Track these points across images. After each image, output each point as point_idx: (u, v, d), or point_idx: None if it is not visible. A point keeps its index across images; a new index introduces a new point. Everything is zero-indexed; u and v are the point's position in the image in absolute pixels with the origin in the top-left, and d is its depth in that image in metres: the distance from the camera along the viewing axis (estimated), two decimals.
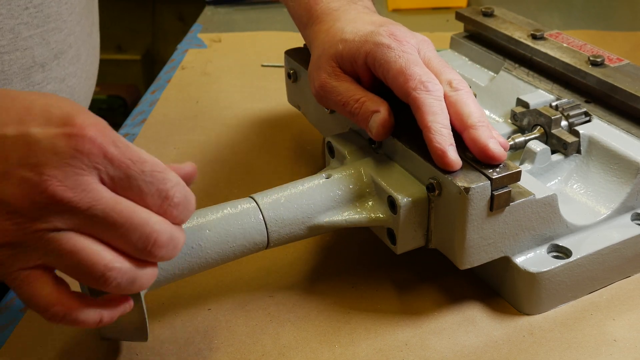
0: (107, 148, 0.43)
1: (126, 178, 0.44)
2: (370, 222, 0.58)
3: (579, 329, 0.57)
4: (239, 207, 0.55)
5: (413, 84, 0.56)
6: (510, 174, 0.53)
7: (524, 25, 0.79)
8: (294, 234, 0.57)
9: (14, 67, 0.69)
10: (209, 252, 0.54)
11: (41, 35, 0.71)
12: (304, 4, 0.69)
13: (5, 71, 0.68)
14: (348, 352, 0.56)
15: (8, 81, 0.69)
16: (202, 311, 0.61)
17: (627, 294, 0.61)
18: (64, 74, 0.76)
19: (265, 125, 0.89)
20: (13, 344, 0.58)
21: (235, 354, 0.57)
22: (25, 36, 0.69)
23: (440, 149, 0.53)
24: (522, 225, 0.56)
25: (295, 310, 0.61)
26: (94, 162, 0.43)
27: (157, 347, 0.57)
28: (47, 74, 0.73)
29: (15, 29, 0.68)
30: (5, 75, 0.68)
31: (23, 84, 0.71)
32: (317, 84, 0.62)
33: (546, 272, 0.57)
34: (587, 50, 0.73)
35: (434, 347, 0.56)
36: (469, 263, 0.56)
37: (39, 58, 0.71)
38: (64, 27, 0.74)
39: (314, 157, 0.82)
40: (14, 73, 0.69)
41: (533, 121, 0.66)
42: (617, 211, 0.61)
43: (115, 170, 0.44)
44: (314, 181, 0.58)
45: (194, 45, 1.15)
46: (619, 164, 0.62)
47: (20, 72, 0.70)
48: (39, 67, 0.71)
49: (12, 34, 0.68)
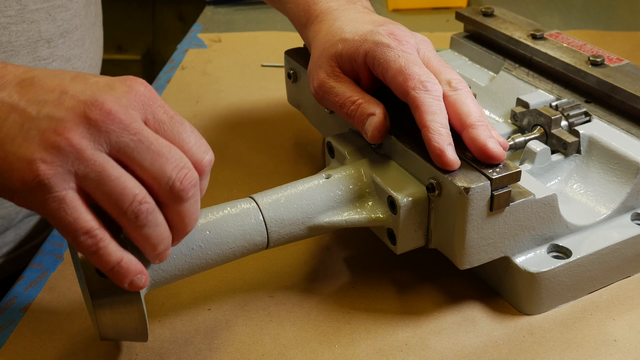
0: (155, 95, 0.48)
1: (169, 123, 0.48)
2: (370, 222, 0.58)
3: (579, 329, 0.57)
4: (239, 207, 0.55)
5: (412, 84, 0.56)
6: (510, 174, 0.53)
7: (524, 25, 0.79)
8: (294, 234, 0.57)
9: (21, 38, 0.71)
10: (209, 254, 0.54)
11: (47, 11, 0.73)
12: (302, 4, 0.69)
13: (12, 42, 0.71)
14: (348, 352, 0.56)
15: (15, 53, 0.71)
16: (202, 311, 0.61)
17: (627, 294, 0.61)
18: (69, 54, 0.79)
19: (265, 126, 0.89)
20: (13, 344, 0.58)
21: (235, 354, 0.57)
22: (32, 9, 0.72)
23: (439, 148, 0.53)
24: (522, 225, 0.56)
25: (295, 310, 0.61)
26: (141, 102, 0.47)
27: (157, 347, 0.57)
28: (53, 50, 0.76)
29: (22, 1, 0.70)
30: (12, 47, 0.71)
31: (30, 57, 0.73)
32: (316, 84, 0.62)
33: (546, 272, 0.57)
34: (587, 50, 0.73)
35: (434, 347, 0.56)
36: (469, 263, 0.56)
37: (45, 33, 0.74)
38: (70, 6, 0.77)
39: (314, 157, 0.82)
40: (20, 45, 0.72)
41: (533, 121, 0.66)
42: (617, 211, 0.61)
43: (159, 114, 0.48)
44: (314, 181, 0.58)
45: (194, 45, 1.15)
46: (619, 164, 0.62)
47: (27, 45, 0.73)
48: (45, 42, 0.74)
49: (19, 5, 0.70)
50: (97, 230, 0.46)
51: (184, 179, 0.47)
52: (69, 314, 0.61)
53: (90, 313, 0.54)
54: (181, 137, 0.48)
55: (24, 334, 0.59)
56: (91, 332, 0.59)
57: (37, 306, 0.62)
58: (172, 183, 0.46)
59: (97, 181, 0.45)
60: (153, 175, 0.46)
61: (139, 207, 0.46)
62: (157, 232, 0.47)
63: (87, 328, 0.59)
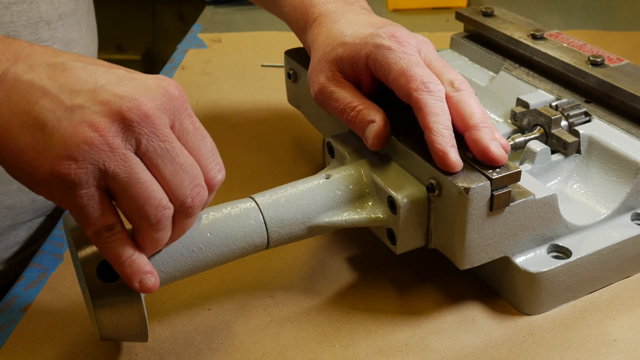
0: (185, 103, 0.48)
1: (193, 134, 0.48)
2: (370, 222, 0.58)
3: (579, 329, 0.57)
4: (239, 207, 0.55)
5: (415, 85, 0.56)
6: (510, 174, 0.53)
7: (524, 25, 0.79)
8: (294, 234, 0.57)
9: (22, 19, 0.73)
10: (209, 255, 0.54)
11: None
12: (299, 7, 0.69)
13: (14, 22, 0.72)
14: (348, 352, 0.56)
15: (18, 33, 0.74)
16: (202, 311, 0.61)
17: (627, 294, 0.61)
18: (68, 38, 0.80)
19: (265, 126, 0.89)
20: (13, 344, 0.58)
21: (235, 353, 0.57)
22: None
23: (442, 150, 0.53)
24: (522, 225, 0.56)
25: (295, 310, 0.61)
26: (173, 107, 0.47)
27: (157, 347, 0.57)
28: (53, 32, 0.77)
29: None
30: (14, 27, 0.72)
31: (31, 38, 0.75)
32: (317, 88, 0.62)
33: (546, 272, 0.57)
34: (587, 50, 0.73)
35: (434, 347, 0.56)
36: (469, 263, 0.56)
37: (44, 14, 0.75)
38: None
39: (314, 157, 0.82)
40: (22, 26, 0.73)
41: (533, 121, 0.66)
42: (617, 211, 0.61)
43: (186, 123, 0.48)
44: (314, 181, 0.58)
45: (194, 45, 1.15)
46: (619, 164, 0.62)
47: (29, 26, 0.74)
48: (45, 23, 0.75)
49: None
50: (118, 225, 0.47)
51: (196, 196, 0.48)
52: (69, 314, 0.61)
53: (90, 313, 0.54)
54: (201, 151, 0.49)
55: (24, 334, 0.59)
56: (91, 332, 0.59)
57: (37, 306, 0.62)
58: (184, 198, 0.47)
59: (126, 182, 0.45)
60: (170, 186, 0.47)
61: (163, 212, 0.46)
62: (166, 235, 0.48)
63: (87, 328, 0.59)
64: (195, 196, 0.48)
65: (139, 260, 0.48)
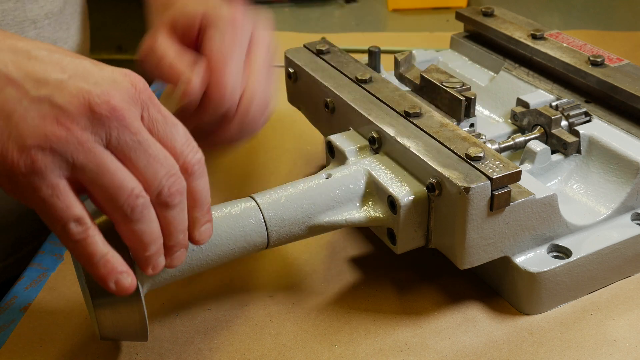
0: (151, 94, 0.47)
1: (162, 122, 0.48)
2: (370, 222, 0.58)
3: (579, 329, 0.57)
4: (239, 207, 0.55)
5: None
6: (510, 173, 0.53)
7: (524, 25, 0.79)
8: (294, 233, 0.57)
9: (7, 18, 0.72)
10: (209, 255, 0.54)
11: None
12: None
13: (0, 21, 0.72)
14: (348, 352, 0.56)
15: None
16: (202, 311, 0.61)
17: (627, 294, 0.61)
18: (55, 37, 0.79)
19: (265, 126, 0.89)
20: (13, 344, 0.58)
21: (235, 353, 0.57)
22: None
23: None
24: (522, 225, 0.56)
25: (295, 310, 0.61)
26: (141, 99, 0.46)
27: (157, 347, 0.57)
28: (39, 31, 0.76)
29: None
30: (1, 25, 0.72)
31: None
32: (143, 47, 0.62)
33: (546, 272, 0.57)
34: (587, 50, 0.73)
35: (434, 347, 0.56)
36: (469, 263, 0.56)
37: (30, 13, 0.74)
38: None
39: (314, 157, 0.82)
40: (7, 25, 0.73)
41: (533, 121, 0.66)
42: (617, 211, 0.61)
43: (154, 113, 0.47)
44: (314, 181, 0.58)
45: None
46: (619, 164, 0.62)
47: (14, 25, 0.73)
48: (30, 22, 0.75)
49: None
50: (86, 219, 0.45)
51: (172, 185, 0.47)
52: (69, 314, 0.61)
53: (90, 313, 0.54)
54: (174, 137, 0.48)
55: (24, 334, 0.59)
56: (91, 332, 0.59)
57: (37, 306, 0.62)
58: (160, 189, 0.46)
59: (95, 173, 0.45)
60: (145, 178, 0.46)
61: (136, 200, 0.45)
62: (150, 228, 0.47)
63: (87, 328, 0.59)
64: (172, 185, 0.47)
65: (113, 260, 0.47)
